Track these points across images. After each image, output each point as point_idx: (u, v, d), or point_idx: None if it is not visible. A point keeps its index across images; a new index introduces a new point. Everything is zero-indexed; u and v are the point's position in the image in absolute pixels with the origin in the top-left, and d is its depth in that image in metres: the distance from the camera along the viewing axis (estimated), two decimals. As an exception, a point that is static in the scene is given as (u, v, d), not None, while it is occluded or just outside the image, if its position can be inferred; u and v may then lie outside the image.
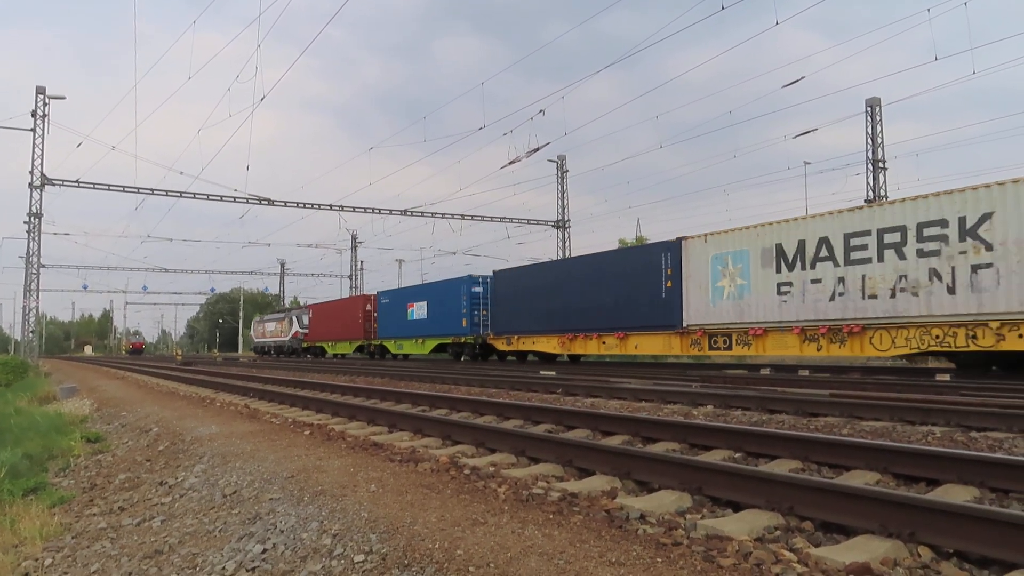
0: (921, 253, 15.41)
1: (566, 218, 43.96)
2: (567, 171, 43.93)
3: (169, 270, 68.36)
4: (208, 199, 38.27)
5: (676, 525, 3.96)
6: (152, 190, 36.98)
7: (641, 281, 21.88)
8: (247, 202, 38.53)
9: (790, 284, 18.01)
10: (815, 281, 17.45)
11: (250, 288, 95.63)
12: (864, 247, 16.48)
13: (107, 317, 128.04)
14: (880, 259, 16.14)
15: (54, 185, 35.29)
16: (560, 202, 43.97)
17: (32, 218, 35.37)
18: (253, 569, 3.85)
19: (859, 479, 5.03)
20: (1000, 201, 14.23)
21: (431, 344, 33.55)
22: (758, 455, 6.08)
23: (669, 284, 21.04)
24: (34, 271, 36.12)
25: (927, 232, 15.31)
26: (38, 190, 34.87)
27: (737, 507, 4.37)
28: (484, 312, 30.03)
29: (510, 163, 30.25)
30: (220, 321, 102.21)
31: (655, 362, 26.83)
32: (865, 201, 31.41)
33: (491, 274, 30.44)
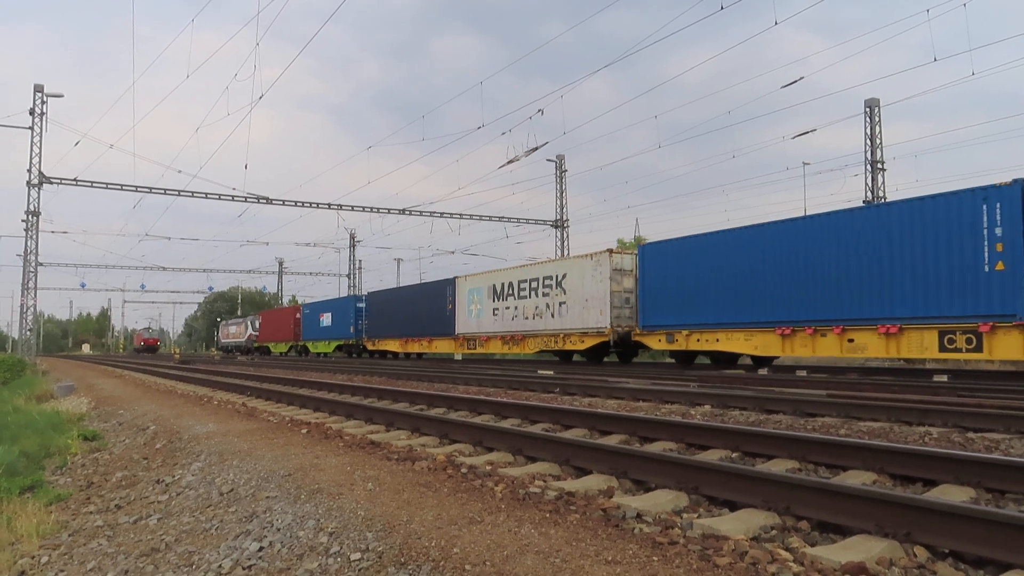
0: (544, 294, 26.08)
1: (564, 218, 43.95)
2: (566, 171, 43.92)
3: (167, 268, 68.32)
4: (206, 198, 38.28)
5: (672, 524, 3.96)
6: (150, 188, 36.94)
7: (438, 304, 32.86)
8: (245, 201, 38.55)
9: (498, 309, 28.66)
10: (507, 308, 28.10)
11: (248, 287, 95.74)
12: (525, 289, 27.18)
13: (105, 315, 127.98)
14: (530, 296, 26.85)
15: (52, 183, 35.25)
16: (558, 202, 43.97)
17: (30, 216, 35.33)
18: (250, 567, 3.85)
19: (856, 479, 5.03)
20: (570, 268, 24.96)
21: (334, 344, 44.39)
22: (755, 455, 6.09)
23: (450, 307, 31.85)
24: (32, 269, 36.09)
25: (546, 283, 26.04)
26: (36, 188, 34.83)
27: (734, 506, 4.37)
28: (366, 322, 40.54)
29: (508, 162, 30.23)
30: (218, 320, 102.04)
31: (653, 362, 27.60)
32: (863, 202, 31.43)
33: (366, 295, 42.76)
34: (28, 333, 38.39)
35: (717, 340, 19.43)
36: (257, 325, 59.85)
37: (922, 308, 14.96)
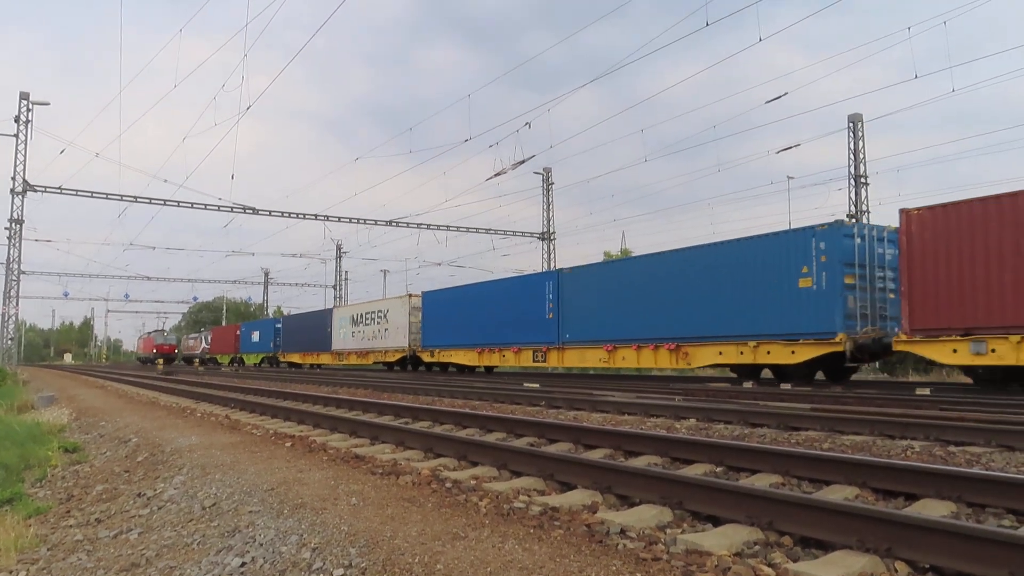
0: (378, 323, 37.69)
1: (551, 230, 44.07)
2: (552, 183, 44.07)
3: (152, 278, 67.98)
4: (192, 207, 38.20)
5: (656, 540, 3.97)
6: (136, 198, 36.79)
7: (323, 327, 44.54)
8: (231, 211, 38.50)
9: (355, 332, 40.24)
10: (360, 331, 39.71)
11: (233, 297, 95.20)
12: (368, 318, 38.89)
13: (88, 325, 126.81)
14: (371, 324, 38.50)
15: (36, 191, 34.99)
16: (545, 214, 44.09)
17: (13, 224, 35.05)
18: (231, 583, 3.81)
19: (838, 494, 5.06)
20: (391, 305, 36.74)
21: (260, 356, 55.81)
22: (739, 469, 6.11)
23: (329, 330, 43.54)
24: (14, 278, 35.78)
25: (379, 315, 37.66)
26: (20, 196, 34.57)
27: (717, 522, 4.38)
28: (281, 339, 51.84)
29: (496, 175, 30.40)
30: (202, 330, 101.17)
31: (639, 375, 28.03)
32: (847, 216, 31.69)
33: (281, 318, 55.92)
34: (9, 342, 37.97)
35: (451, 355, 31.40)
36: (209, 339, 69.69)
37: (527, 337, 26.41)
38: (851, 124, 32.67)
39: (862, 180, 32.59)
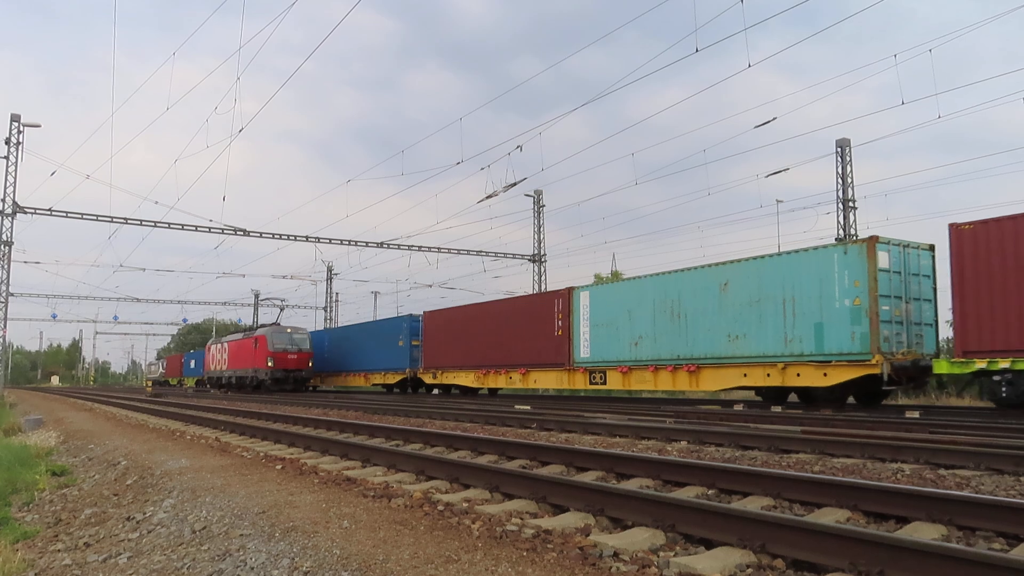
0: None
1: (542, 252, 44.16)
2: (543, 206, 44.23)
3: (141, 300, 67.54)
4: (183, 229, 37.96)
5: (649, 563, 3.97)
6: (126, 219, 36.63)
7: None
8: (222, 232, 38.30)
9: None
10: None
11: (223, 319, 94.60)
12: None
13: (76, 347, 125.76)
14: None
15: (26, 213, 34.87)
16: (536, 236, 44.20)
17: (2, 246, 34.87)
18: (222, 607, 3.79)
19: (830, 516, 5.07)
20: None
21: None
22: (731, 492, 6.12)
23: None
24: (2, 300, 35.51)
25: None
26: (10, 218, 34.43)
27: (710, 544, 4.39)
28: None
29: (487, 197, 30.46)
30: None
31: (630, 398, 28.22)
32: (836, 239, 31.93)
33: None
34: (-4, 365, 37.54)
35: (343, 378, 43.84)
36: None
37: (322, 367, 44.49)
38: (839, 149, 33.00)
39: (850, 204, 32.89)
